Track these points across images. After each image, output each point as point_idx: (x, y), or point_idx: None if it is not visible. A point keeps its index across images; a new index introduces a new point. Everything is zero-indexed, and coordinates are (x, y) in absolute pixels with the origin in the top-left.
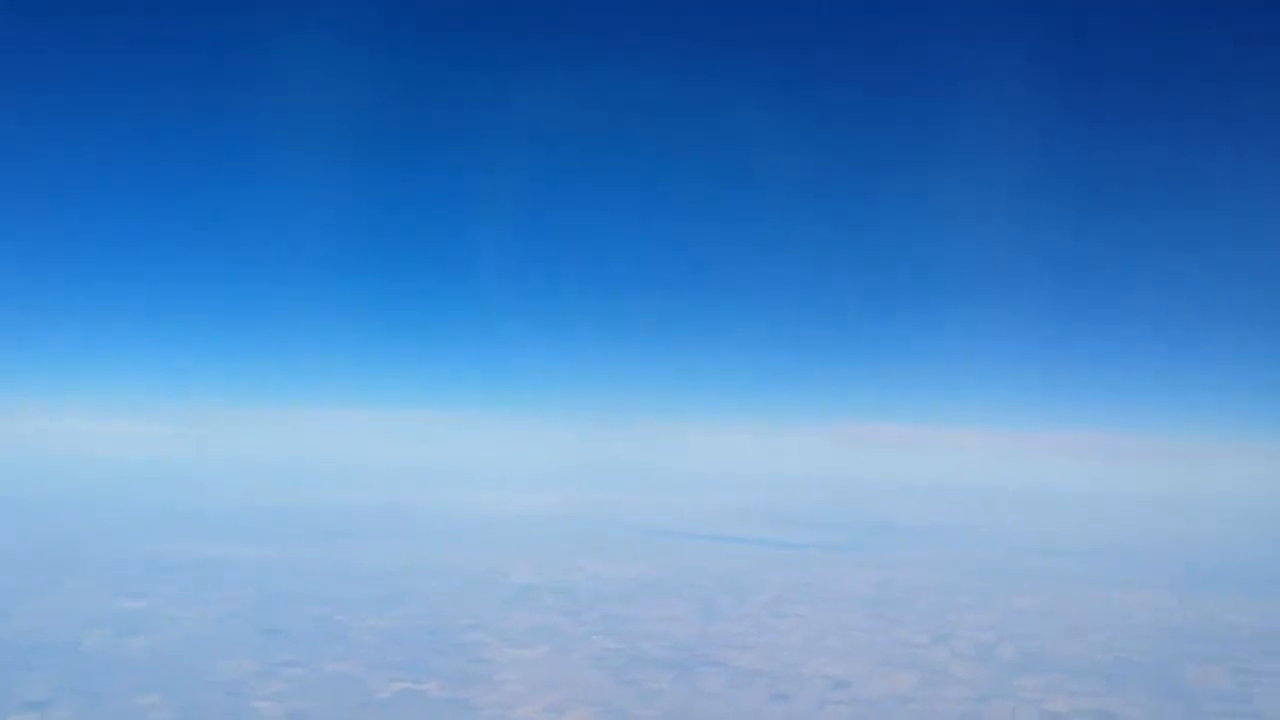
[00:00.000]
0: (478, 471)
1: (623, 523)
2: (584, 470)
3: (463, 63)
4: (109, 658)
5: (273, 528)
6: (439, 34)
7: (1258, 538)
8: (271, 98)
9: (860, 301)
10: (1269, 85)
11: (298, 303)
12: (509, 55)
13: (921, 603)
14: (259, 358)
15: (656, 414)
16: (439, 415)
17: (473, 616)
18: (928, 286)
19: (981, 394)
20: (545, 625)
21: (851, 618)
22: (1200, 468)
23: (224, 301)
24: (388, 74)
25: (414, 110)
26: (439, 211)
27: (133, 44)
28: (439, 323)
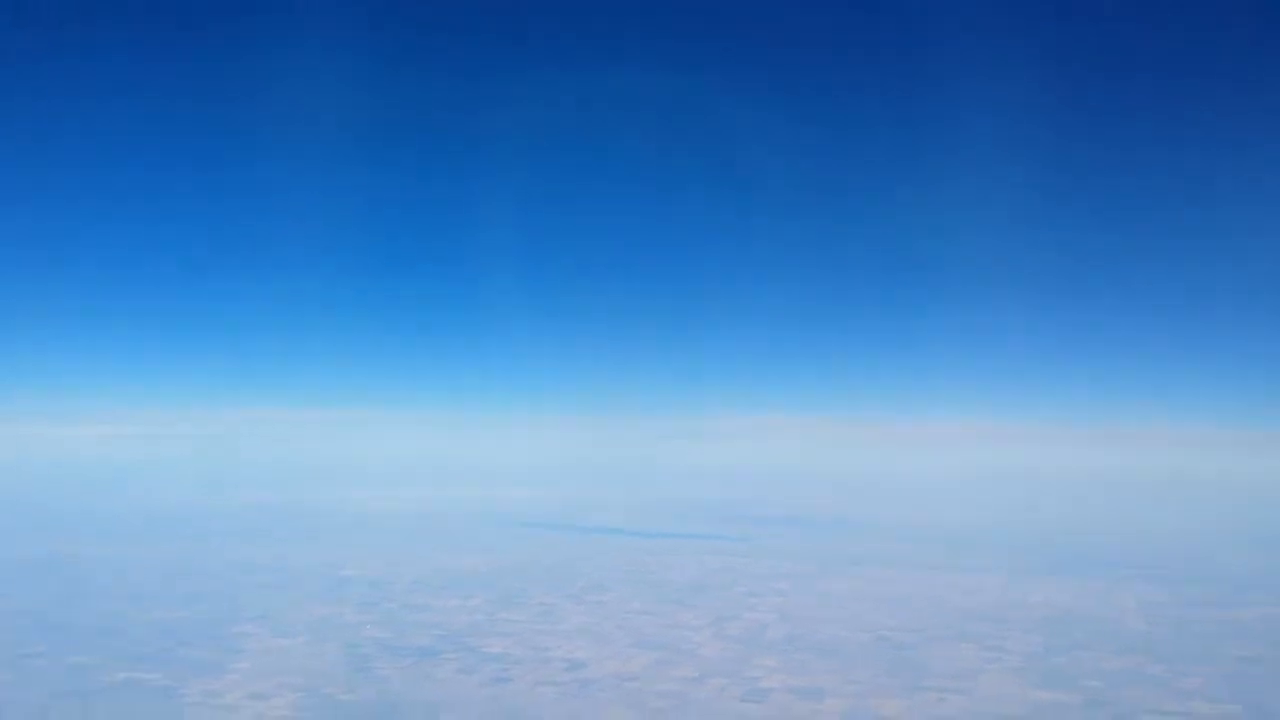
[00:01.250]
0: (394, 469)
1: (505, 517)
2: (514, 465)
3: (460, 62)
4: None
5: (151, 528)
6: (438, 34)
7: (1132, 523)
8: (255, 95)
9: (826, 296)
10: (1269, 84)
11: (230, 302)
12: (508, 54)
13: (736, 589)
14: (185, 360)
15: (613, 408)
16: (379, 413)
17: (263, 610)
18: (895, 283)
19: (940, 386)
20: (328, 617)
21: (651, 604)
22: (1110, 453)
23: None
24: (382, 71)
25: (402, 107)
26: (422, 212)
27: (129, 44)
28: (378, 319)
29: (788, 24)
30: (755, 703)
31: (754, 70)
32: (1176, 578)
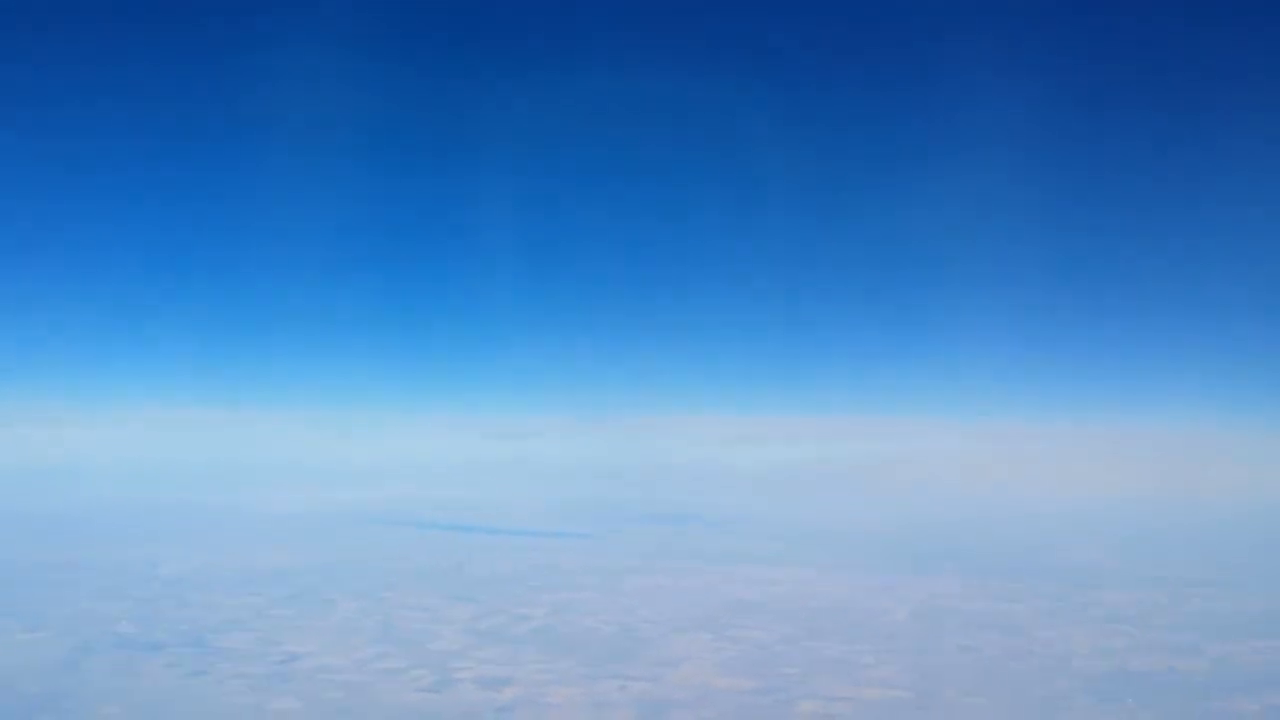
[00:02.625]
0: (333, 469)
1: (388, 515)
2: (442, 465)
3: (442, 62)
4: None
5: (18, 527)
6: (432, 34)
7: (1023, 519)
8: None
9: (791, 293)
10: (1268, 83)
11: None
12: (495, 53)
13: (532, 584)
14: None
15: (579, 408)
16: (315, 413)
17: (33, 605)
18: (871, 278)
19: (916, 384)
20: (92, 612)
21: (431, 600)
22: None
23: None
24: (367, 71)
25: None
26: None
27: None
28: (329, 318)
29: (785, 20)
30: (434, 693)
31: (738, 69)
32: (1005, 572)
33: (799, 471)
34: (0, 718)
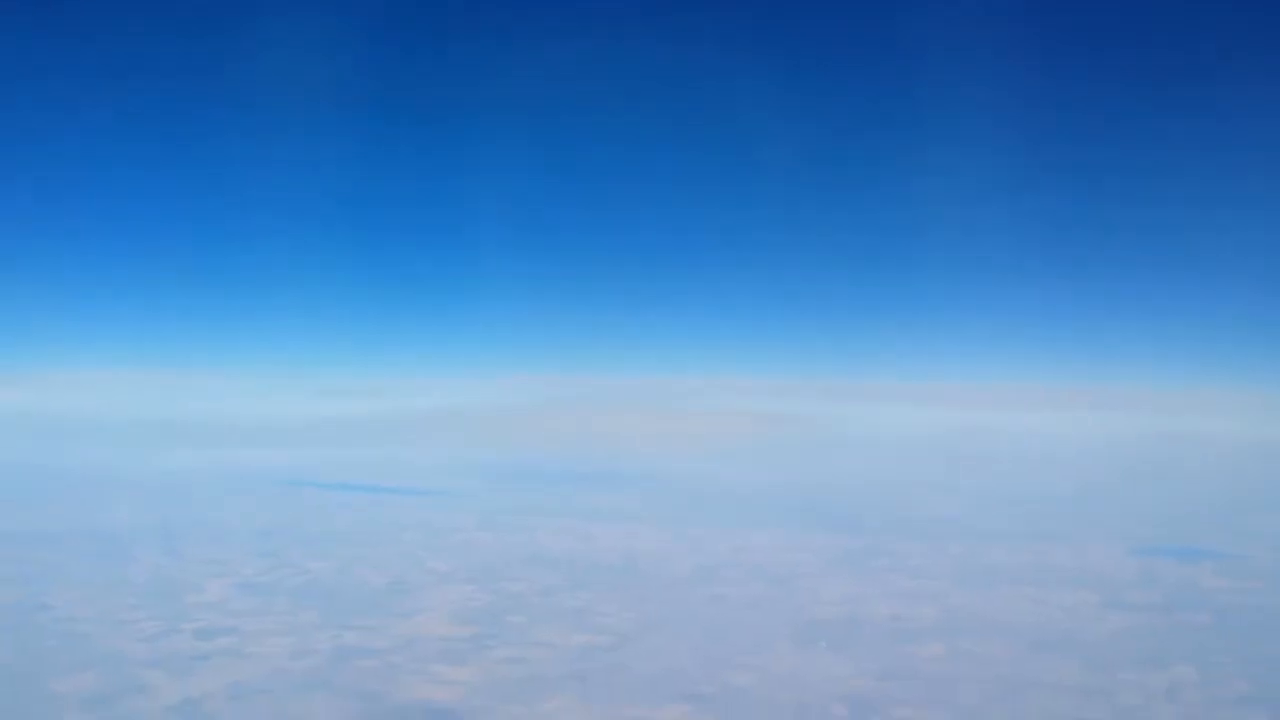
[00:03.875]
0: (264, 428)
1: (297, 477)
2: (382, 427)
3: (421, 41)
4: None
5: None
6: (419, 21)
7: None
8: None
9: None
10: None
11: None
12: (480, 30)
13: (353, 539)
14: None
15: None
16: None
17: None
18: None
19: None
20: None
21: (234, 553)
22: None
23: None
24: (354, 53)
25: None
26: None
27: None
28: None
29: (786, 10)
30: (145, 641)
31: (729, 47)
32: (844, 527)
33: (751, 433)
34: None
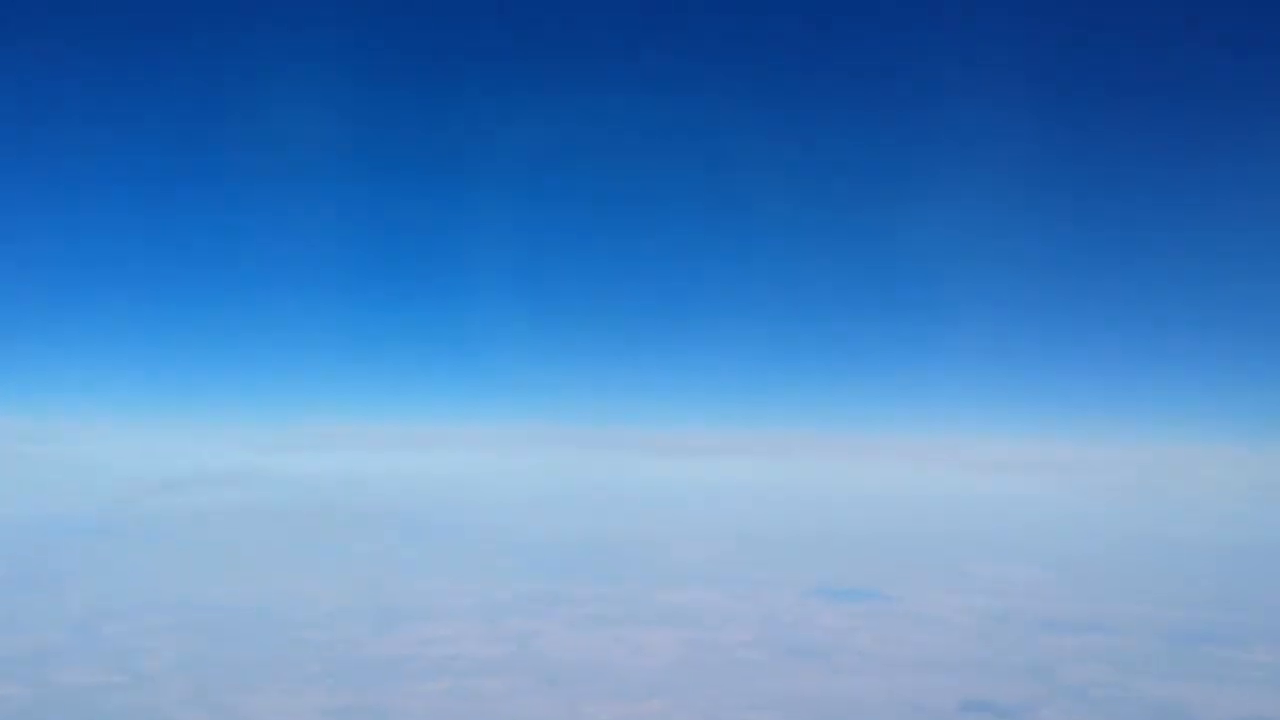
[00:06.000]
0: None
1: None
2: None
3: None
4: None
5: None
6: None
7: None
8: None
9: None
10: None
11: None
12: (484, 65)
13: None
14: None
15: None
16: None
17: None
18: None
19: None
20: None
21: None
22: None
23: None
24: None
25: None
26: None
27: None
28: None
29: (785, 30)
30: None
31: (729, 84)
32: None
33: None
34: None
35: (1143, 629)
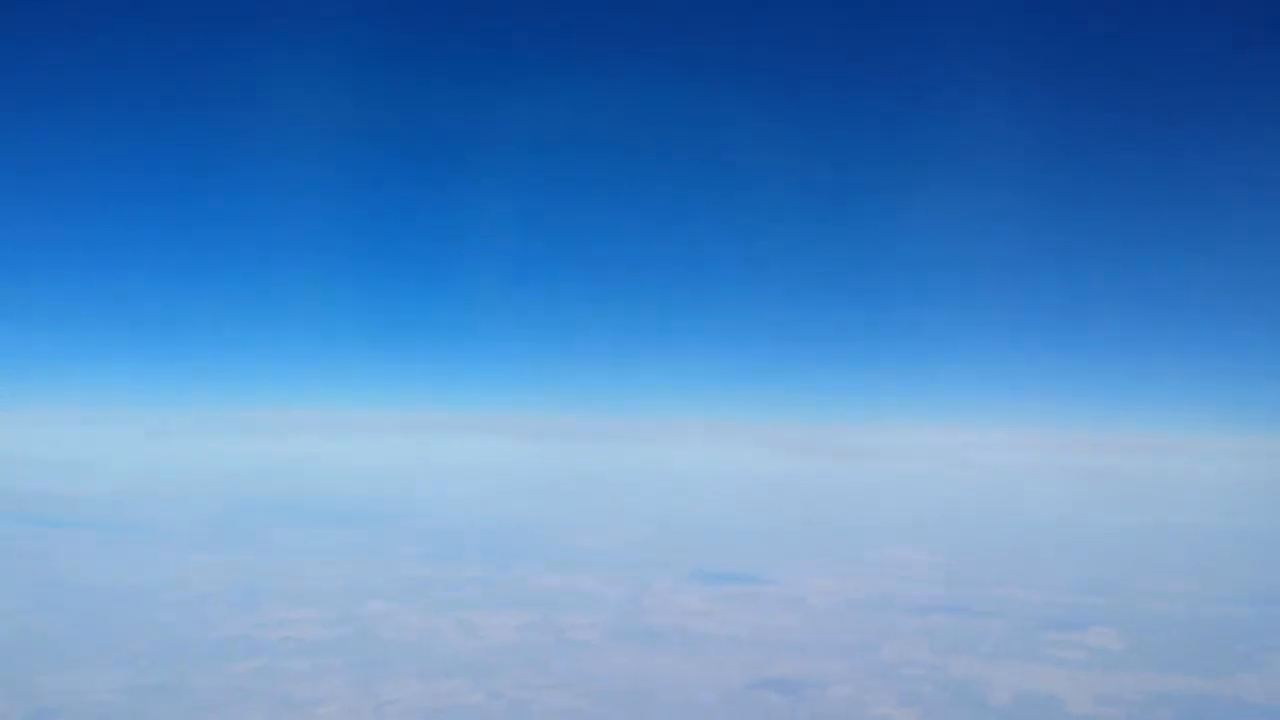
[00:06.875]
0: None
1: None
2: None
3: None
4: None
5: None
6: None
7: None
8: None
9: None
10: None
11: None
12: (479, 61)
13: None
14: None
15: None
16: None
17: None
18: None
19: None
20: None
21: None
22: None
23: None
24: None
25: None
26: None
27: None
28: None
29: (788, 29)
30: None
31: (715, 86)
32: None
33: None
34: None
35: (1005, 612)
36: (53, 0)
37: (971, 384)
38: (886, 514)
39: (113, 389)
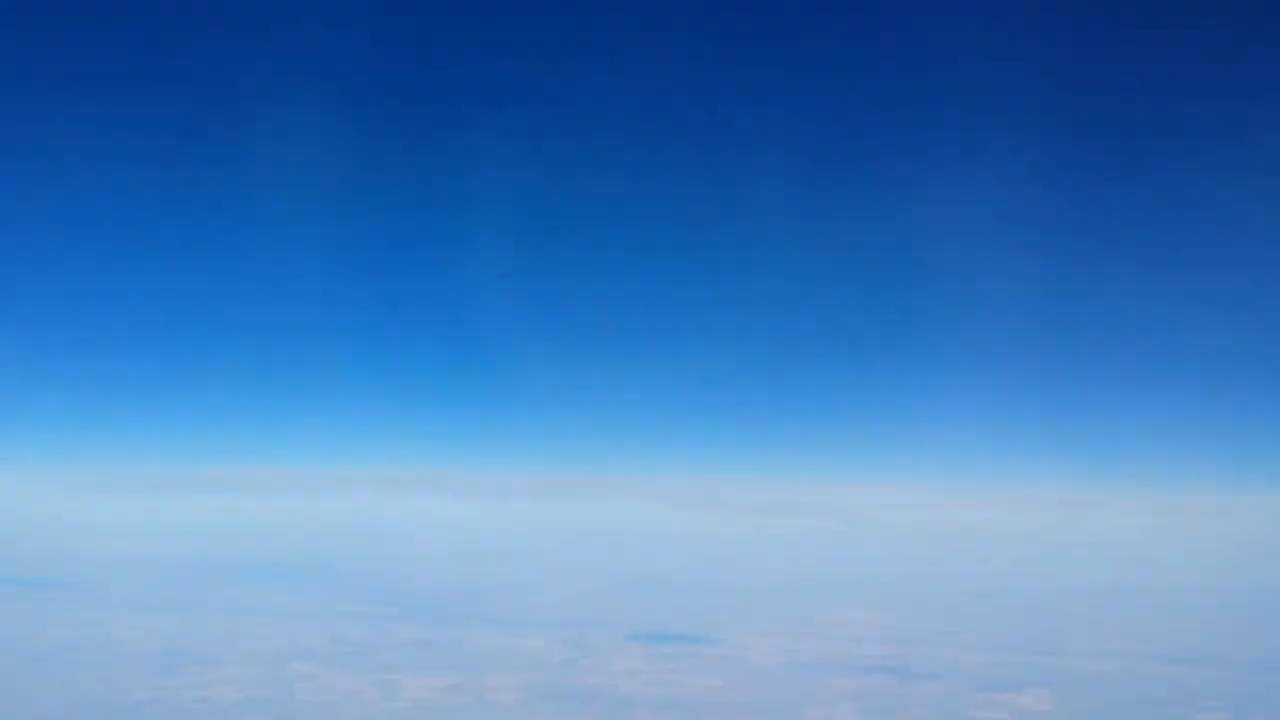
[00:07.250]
0: None
1: None
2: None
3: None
4: None
5: None
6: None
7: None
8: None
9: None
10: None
11: None
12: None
13: None
14: None
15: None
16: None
17: None
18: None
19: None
20: None
21: None
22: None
23: None
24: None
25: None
26: None
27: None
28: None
29: (780, 38)
30: None
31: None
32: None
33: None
34: None
35: (944, 674)
36: (53, 1)
37: (886, 441)
38: (824, 572)
39: (56, 444)
